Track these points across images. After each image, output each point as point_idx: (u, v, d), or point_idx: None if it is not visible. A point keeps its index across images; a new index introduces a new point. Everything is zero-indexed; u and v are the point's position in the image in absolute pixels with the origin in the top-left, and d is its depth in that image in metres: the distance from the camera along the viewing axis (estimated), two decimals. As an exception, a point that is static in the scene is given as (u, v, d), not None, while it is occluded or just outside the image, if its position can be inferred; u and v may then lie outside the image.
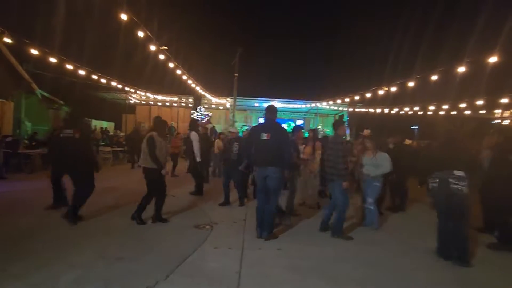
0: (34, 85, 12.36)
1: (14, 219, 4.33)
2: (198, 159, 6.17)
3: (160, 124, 4.63)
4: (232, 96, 17.03)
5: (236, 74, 16.15)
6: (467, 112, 17.90)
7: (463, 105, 15.87)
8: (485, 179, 4.35)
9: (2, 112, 10.12)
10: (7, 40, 8.44)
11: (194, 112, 16.58)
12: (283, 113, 22.02)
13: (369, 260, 3.49)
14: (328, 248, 3.79)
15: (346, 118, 21.52)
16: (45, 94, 13.47)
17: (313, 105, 20.21)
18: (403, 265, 3.43)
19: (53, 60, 10.00)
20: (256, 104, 20.26)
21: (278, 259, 3.39)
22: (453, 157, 3.50)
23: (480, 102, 14.54)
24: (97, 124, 18.03)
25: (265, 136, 4.02)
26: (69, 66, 10.95)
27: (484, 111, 17.69)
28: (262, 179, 4.04)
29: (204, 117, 16.19)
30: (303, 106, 20.84)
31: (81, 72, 11.82)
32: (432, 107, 17.81)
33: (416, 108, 19.07)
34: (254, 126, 4.48)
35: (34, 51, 9.17)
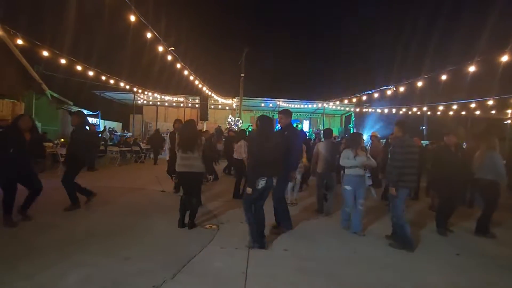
0: (44, 86, 12.60)
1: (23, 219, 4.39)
2: (167, 158, 6.13)
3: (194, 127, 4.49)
4: (238, 96, 17.08)
5: (242, 74, 16.19)
6: (477, 113, 17.57)
7: (473, 105, 15.58)
8: None
9: (14, 112, 10.31)
10: (19, 42, 8.63)
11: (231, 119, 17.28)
12: (290, 114, 21.91)
13: (378, 262, 3.45)
14: (336, 249, 3.76)
15: (353, 119, 21.40)
16: (55, 94, 13.72)
17: (319, 105, 20.11)
18: (414, 266, 3.39)
19: (63, 61, 10.19)
20: (262, 105, 20.27)
21: (285, 260, 3.38)
22: None
23: (490, 102, 14.27)
24: (106, 124, 18.30)
25: None
26: (79, 67, 11.13)
27: (494, 112, 17.33)
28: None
29: (236, 124, 16.68)
30: (309, 106, 20.75)
31: (90, 73, 12.00)
32: (441, 107, 17.54)
33: (424, 109, 18.81)
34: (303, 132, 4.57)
35: (45, 53, 9.35)
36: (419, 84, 11.21)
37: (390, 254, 3.72)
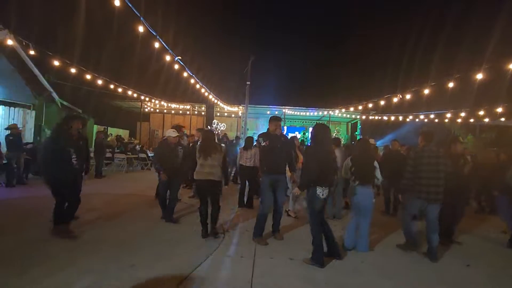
0: (54, 94, 12.89)
1: (33, 224, 4.45)
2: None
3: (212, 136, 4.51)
4: (244, 104, 17.17)
5: (248, 82, 16.31)
6: (486, 120, 17.32)
7: (481, 112, 15.37)
8: None
9: (25, 120, 10.56)
10: (31, 52, 8.90)
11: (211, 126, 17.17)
12: (295, 121, 22.00)
13: (387, 272, 3.39)
14: (343, 258, 3.71)
15: (359, 126, 21.29)
16: (64, 103, 14.00)
17: (325, 112, 20.08)
18: (423, 277, 3.32)
19: (73, 70, 10.45)
20: (268, 112, 20.32)
21: (291, 269, 3.34)
22: None
23: (499, 110, 14.06)
24: (113, 131, 18.55)
25: None
26: (88, 76, 11.39)
27: (503, 119, 17.06)
28: None
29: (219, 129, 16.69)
30: (315, 114, 20.73)
31: (99, 82, 12.26)
32: (448, 115, 17.35)
33: (431, 116, 18.63)
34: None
35: (55, 63, 9.61)
36: (426, 91, 11.14)
37: (399, 264, 3.65)
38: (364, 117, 20.55)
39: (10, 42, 8.66)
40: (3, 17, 9.06)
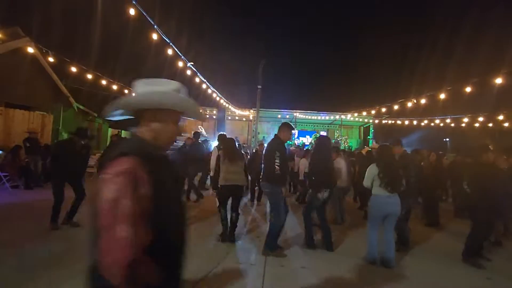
0: (71, 99, 13.30)
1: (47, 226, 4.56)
2: None
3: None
4: (255, 107, 17.21)
5: (259, 86, 16.35)
6: (506, 125, 16.69)
7: (500, 117, 14.84)
8: None
9: (43, 124, 10.92)
10: (50, 59, 9.25)
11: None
12: (306, 125, 21.86)
13: (404, 283, 3.30)
14: (356, 266, 3.63)
15: (371, 130, 20.94)
16: (81, 107, 14.42)
17: (337, 116, 19.87)
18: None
19: (89, 76, 10.78)
20: (279, 116, 20.30)
21: (302, 278, 3.29)
22: None
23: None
24: (127, 134, 18.95)
25: None
26: (103, 82, 11.71)
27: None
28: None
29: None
30: (327, 117, 20.54)
31: (114, 87, 12.57)
32: (466, 119, 16.83)
33: (447, 120, 18.12)
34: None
35: (73, 69, 9.94)
36: (442, 96, 10.86)
37: (414, 274, 3.54)
38: (377, 121, 20.20)
39: (31, 49, 9.03)
40: (24, 26, 9.46)
